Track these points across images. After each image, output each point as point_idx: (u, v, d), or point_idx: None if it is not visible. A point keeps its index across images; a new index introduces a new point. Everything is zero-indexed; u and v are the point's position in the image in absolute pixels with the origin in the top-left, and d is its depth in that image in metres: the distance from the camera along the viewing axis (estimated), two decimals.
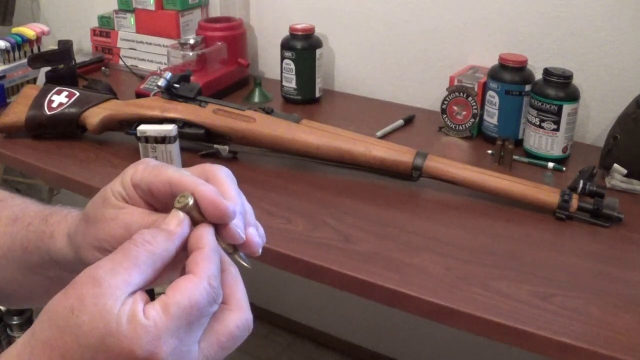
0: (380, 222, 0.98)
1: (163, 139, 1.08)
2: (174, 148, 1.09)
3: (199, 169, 0.45)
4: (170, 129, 1.08)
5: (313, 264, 0.88)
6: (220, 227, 0.42)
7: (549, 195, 1.00)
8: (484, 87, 1.30)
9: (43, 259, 0.50)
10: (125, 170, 0.45)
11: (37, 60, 1.45)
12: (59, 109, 1.24)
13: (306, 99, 1.51)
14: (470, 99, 1.29)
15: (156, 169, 0.43)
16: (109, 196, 0.44)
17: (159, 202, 0.44)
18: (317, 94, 1.52)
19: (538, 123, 1.19)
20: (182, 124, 1.15)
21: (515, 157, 1.20)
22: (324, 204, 1.04)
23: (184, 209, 0.41)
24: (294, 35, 1.49)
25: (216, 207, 0.40)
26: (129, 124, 1.20)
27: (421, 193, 1.08)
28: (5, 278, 0.53)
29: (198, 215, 0.41)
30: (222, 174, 0.44)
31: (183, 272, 0.39)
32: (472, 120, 1.30)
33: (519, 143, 1.25)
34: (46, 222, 0.51)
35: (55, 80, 1.39)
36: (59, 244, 0.49)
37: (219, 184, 0.43)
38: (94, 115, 1.22)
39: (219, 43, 1.56)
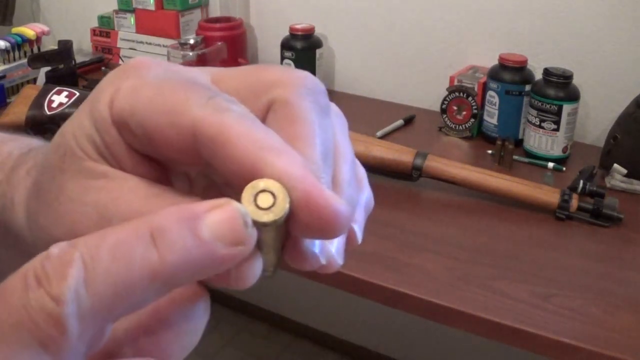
0: (380, 222, 0.98)
1: None
2: None
3: (255, 86, 0.24)
4: None
5: None
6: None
7: (549, 195, 1.00)
8: (484, 87, 1.30)
9: (11, 236, 0.31)
10: (99, 86, 0.24)
11: (37, 60, 1.45)
12: (59, 109, 1.24)
13: None
14: (470, 99, 1.29)
15: (160, 91, 0.22)
16: (71, 148, 0.24)
17: (169, 158, 0.23)
18: None
19: (538, 123, 1.19)
20: None
21: (515, 157, 1.20)
22: None
23: (269, 223, 0.20)
24: (294, 35, 1.49)
25: (324, 220, 0.20)
26: None
27: (421, 193, 1.08)
28: None
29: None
30: (310, 111, 0.23)
31: None
32: (472, 120, 1.30)
33: (519, 143, 1.25)
34: (9, 180, 0.31)
35: (55, 80, 1.39)
36: (19, 218, 0.29)
37: (306, 136, 0.22)
38: None
39: (219, 43, 1.56)
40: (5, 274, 0.36)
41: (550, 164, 1.18)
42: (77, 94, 1.26)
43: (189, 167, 0.25)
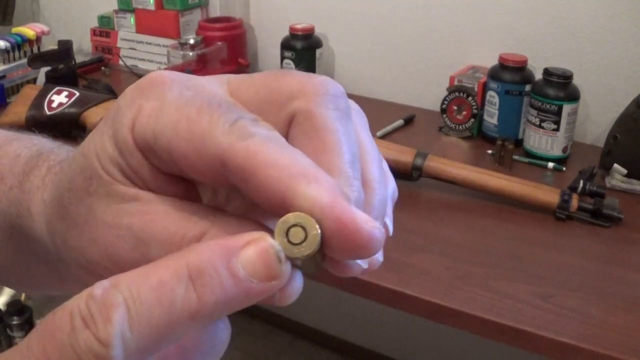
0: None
1: None
2: None
3: (276, 98, 0.23)
4: None
5: None
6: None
7: (549, 195, 1.00)
8: (484, 87, 1.30)
9: (29, 242, 0.32)
10: (118, 107, 0.23)
11: (37, 60, 1.45)
12: (59, 109, 1.24)
13: None
14: (470, 99, 1.29)
15: (182, 116, 0.22)
16: (96, 171, 0.23)
17: (195, 179, 0.23)
18: None
19: (538, 123, 1.19)
20: None
21: (515, 157, 1.20)
22: None
23: (302, 258, 0.20)
24: (294, 35, 1.49)
25: (358, 245, 0.20)
26: None
27: (421, 193, 1.08)
28: (2, 256, 0.35)
29: None
30: (333, 119, 0.23)
31: None
32: (472, 120, 1.30)
33: (519, 143, 1.25)
34: (22, 187, 0.31)
35: (55, 80, 1.39)
36: (38, 230, 0.29)
37: (333, 147, 0.22)
38: (94, 115, 1.22)
39: (219, 43, 1.56)
40: (27, 277, 0.36)
41: (550, 164, 1.18)
42: (77, 94, 1.26)
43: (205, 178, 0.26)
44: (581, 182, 1.01)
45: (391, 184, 0.26)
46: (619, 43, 1.26)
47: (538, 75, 1.23)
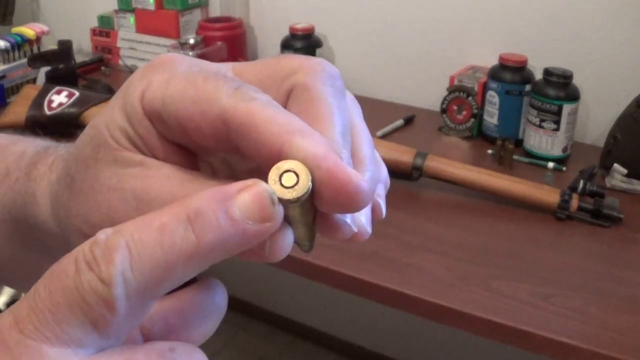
0: (380, 222, 0.98)
1: None
2: None
3: (276, 74, 0.25)
4: None
5: (313, 264, 0.88)
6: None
7: (549, 195, 1.00)
8: (484, 87, 1.30)
9: (33, 232, 0.33)
10: (129, 82, 0.25)
11: (37, 60, 1.45)
12: (59, 109, 1.24)
13: None
14: (470, 98, 1.29)
15: (190, 83, 0.23)
16: (105, 140, 0.25)
17: (199, 144, 0.24)
18: None
19: (538, 123, 1.19)
20: None
21: (515, 157, 1.20)
22: None
23: (293, 200, 0.21)
24: (294, 35, 1.49)
25: (347, 196, 0.21)
26: None
27: (421, 193, 1.08)
28: (6, 254, 0.36)
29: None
30: (328, 94, 0.24)
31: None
32: (472, 120, 1.30)
33: (519, 143, 1.25)
34: (29, 176, 0.32)
35: (55, 80, 1.39)
36: (42, 211, 0.31)
37: (326, 117, 0.23)
38: (94, 115, 1.22)
39: (219, 43, 1.56)
40: (29, 275, 0.35)
41: (550, 164, 1.18)
42: (77, 93, 1.26)
43: (217, 154, 0.27)
44: (581, 182, 1.01)
45: (384, 170, 0.27)
46: (619, 43, 1.26)
47: (538, 75, 1.23)
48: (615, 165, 1.10)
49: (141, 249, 0.20)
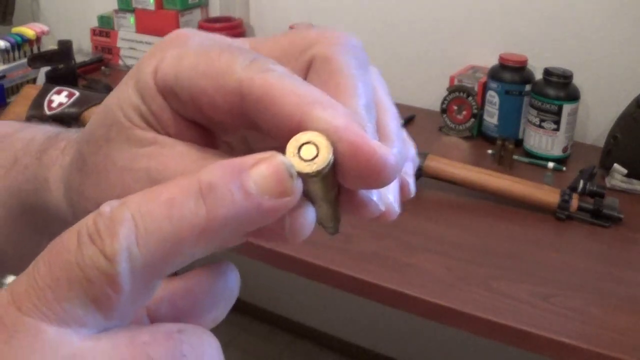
0: (380, 222, 0.98)
1: None
2: None
3: (295, 47, 0.24)
4: None
5: (313, 264, 0.88)
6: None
7: (549, 195, 1.00)
8: (484, 87, 1.30)
9: (45, 219, 0.32)
10: (142, 59, 0.24)
11: (37, 60, 1.45)
12: (59, 109, 1.24)
13: None
14: (470, 98, 1.29)
15: (203, 57, 0.22)
16: (117, 118, 0.24)
17: (215, 121, 0.23)
18: None
19: (538, 123, 1.19)
20: None
21: (515, 157, 1.20)
22: None
23: (313, 173, 0.19)
24: None
25: (372, 169, 0.20)
26: None
27: (421, 193, 1.08)
28: (12, 242, 0.35)
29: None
30: (351, 65, 0.22)
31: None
32: (472, 120, 1.30)
33: (519, 143, 1.25)
34: (40, 161, 0.31)
35: (55, 80, 1.39)
36: (55, 196, 0.29)
37: (349, 89, 0.22)
38: None
39: None
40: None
41: (550, 164, 1.18)
42: (77, 93, 1.26)
43: (235, 132, 0.25)
44: (581, 182, 1.01)
45: (411, 148, 0.26)
46: (619, 43, 1.26)
47: (538, 75, 1.23)
48: (615, 165, 1.10)
49: (148, 223, 0.19)
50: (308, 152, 0.19)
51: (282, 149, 0.20)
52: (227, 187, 0.19)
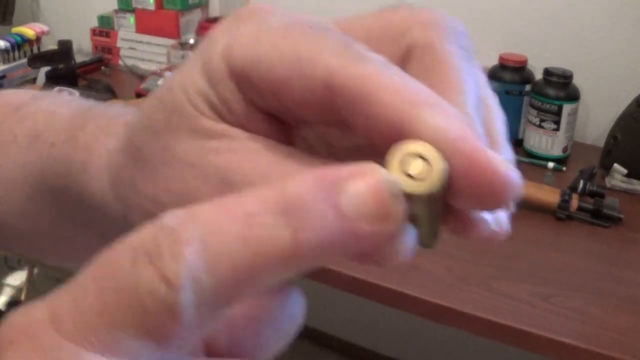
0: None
1: None
2: None
3: (390, 30, 0.21)
4: None
5: None
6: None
7: (549, 195, 1.00)
8: None
9: (77, 206, 0.28)
10: (211, 36, 0.21)
11: (37, 60, 1.45)
12: None
13: None
14: None
15: (285, 38, 0.19)
16: (181, 105, 0.20)
17: (296, 114, 0.20)
18: None
19: (538, 123, 1.19)
20: None
21: (515, 157, 1.20)
22: None
23: (422, 195, 0.16)
24: None
25: (492, 190, 0.16)
26: None
27: None
28: (29, 221, 0.32)
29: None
30: (456, 55, 0.20)
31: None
32: None
33: (519, 143, 1.25)
34: (76, 140, 0.27)
35: (55, 80, 1.39)
36: (96, 188, 0.26)
37: (455, 84, 0.19)
38: None
39: None
40: (70, 250, 0.32)
41: (550, 164, 1.18)
42: (77, 93, 1.26)
43: (316, 127, 0.22)
44: (581, 182, 1.01)
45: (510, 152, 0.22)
46: (619, 43, 1.26)
47: (538, 75, 1.23)
48: (615, 165, 1.10)
49: (219, 244, 0.15)
50: (416, 168, 0.16)
51: (372, 154, 0.17)
52: (317, 205, 0.15)
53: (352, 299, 1.65)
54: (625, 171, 1.09)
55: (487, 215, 0.18)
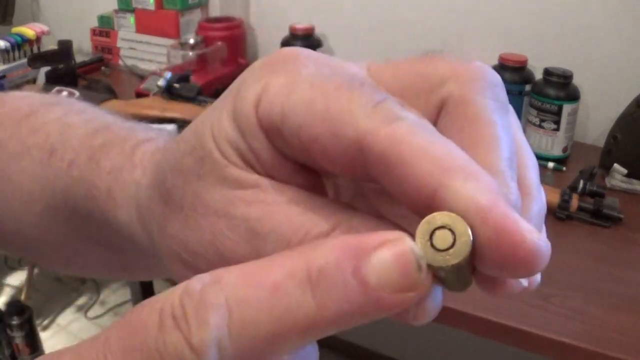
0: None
1: None
2: None
3: (424, 81, 0.20)
4: (170, 128, 1.08)
5: None
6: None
7: (549, 195, 1.00)
8: None
9: (99, 228, 0.28)
10: (242, 81, 0.20)
11: (37, 60, 1.45)
12: None
13: None
14: None
15: (318, 93, 0.18)
16: (210, 152, 0.20)
17: (325, 168, 0.20)
18: None
19: (538, 123, 1.19)
20: (182, 123, 1.16)
21: None
22: None
23: (446, 267, 0.17)
24: (294, 35, 1.49)
25: (519, 260, 0.16)
26: None
27: None
28: (48, 242, 0.32)
29: None
30: (491, 110, 0.19)
31: None
32: None
33: None
34: (98, 164, 0.27)
35: (55, 80, 1.39)
36: (123, 216, 0.26)
37: (490, 141, 0.19)
38: None
39: (219, 43, 1.56)
40: (82, 263, 0.32)
41: (550, 164, 1.18)
42: (77, 93, 1.26)
43: (347, 179, 0.22)
44: (581, 182, 1.01)
45: (544, 196, 0.22)
46: (619, 43, 1.26)
47: (538, 75, 1.23)
48: (615, 165, 1.10)
49: (245, 312, 0.15)
50: (442, 240, 0.16)
51: (405, 208, 0.17)
52: (341, 276, 0.16)
53: None
54: (625, 171, 1.09)
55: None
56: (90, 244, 0.31)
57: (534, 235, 0.16)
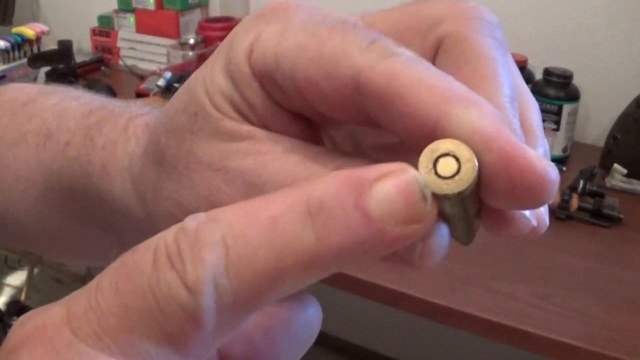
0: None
1: None
2: None
3: (418, 23, 0.20)
4: None
5: None
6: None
7: None
8: None
9: (95, 207, 0.28)
10: (234, 33, 0.20)
11: (37, 60, 1.45)
12: None
13: None
14: None
15: (311, 36, 0.18)
16: (203, 106, 0.20)
17: (322, 114, 0.19)
18: None
19: None
20: None
21: None
22: None
23: (452, 195, 0.16)
24: None
25: (528, 188, 0.15)
26: None
27: None
28: (47, 228, 0.32)
29: None
30: (489, 46, 0.19)
31: None
32: None
33: None
34: (92, 141, 0.27)
35: (55, 80, 1.39)
36: (117, 190, 0.26)
37: (489, 77, 0.18)
38: None
39: (219, 43, 1.56)
40: (83, 250, 0.32)
41: None
42: None
43: (343, 125, 0.22)
44: (581, 182, 1.01)
45: (546, 141, 0.21)
46: (619, 43, 1.26)
47: (538, 75, 1.23)
48: (615, 165, 1.10)
49: (242, 248, 0.15)
50: (447, 167, 0.15)
51: (402, 153, 0.17)
52: (342, 207, 0.15)
53: (352, 298, 1.65)
54: (625, 171, 1.09)
55: (527, 212, 0.17)
56: (86, 227, 0.30)
57: (543, 160, 0.15)
